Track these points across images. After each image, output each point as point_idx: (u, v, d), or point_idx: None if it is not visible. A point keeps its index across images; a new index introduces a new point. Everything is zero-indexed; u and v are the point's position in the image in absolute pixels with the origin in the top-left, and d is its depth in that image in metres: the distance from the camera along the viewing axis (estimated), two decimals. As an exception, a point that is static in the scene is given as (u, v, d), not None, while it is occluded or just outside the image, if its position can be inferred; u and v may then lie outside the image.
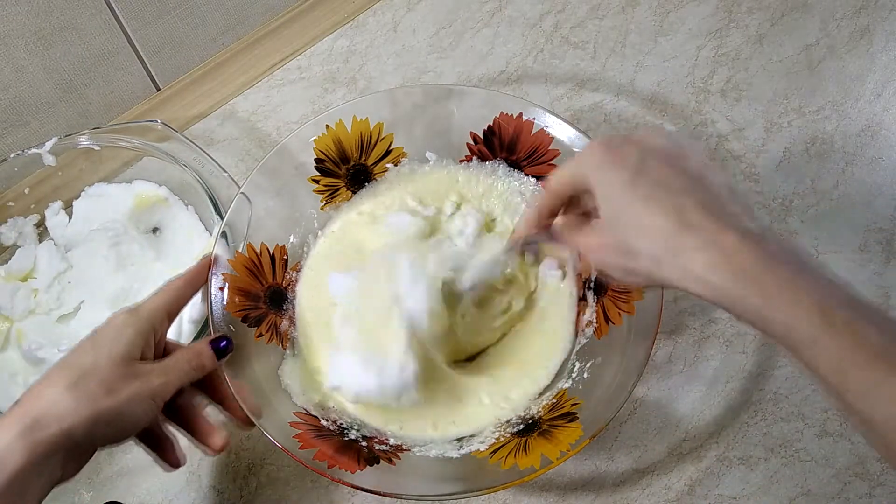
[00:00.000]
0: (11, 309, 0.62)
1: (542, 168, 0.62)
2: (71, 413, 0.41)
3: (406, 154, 0.65)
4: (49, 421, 0.40)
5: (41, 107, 0.68)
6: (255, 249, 0.59)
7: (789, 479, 0.58)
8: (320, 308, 0.60)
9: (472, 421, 0.56)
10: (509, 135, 0.62)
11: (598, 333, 0.57)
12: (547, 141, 0.61)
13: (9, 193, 0.66)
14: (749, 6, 0.80)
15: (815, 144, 0.72)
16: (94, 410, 0.41)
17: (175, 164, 0.64)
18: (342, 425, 0.55)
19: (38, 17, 0.62)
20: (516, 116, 0.61)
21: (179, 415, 0.50)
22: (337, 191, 0.64)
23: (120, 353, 0.44)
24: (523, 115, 0.61)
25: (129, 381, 0.44)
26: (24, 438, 0.39)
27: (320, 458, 0.50)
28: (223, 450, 0.50)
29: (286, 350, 0.59)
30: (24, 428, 0.39)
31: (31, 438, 0.39)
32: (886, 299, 0.64)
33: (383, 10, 0.82)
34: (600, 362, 0.55)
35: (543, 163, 0.62)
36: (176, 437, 0.50)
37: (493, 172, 0.64)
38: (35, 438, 0.39)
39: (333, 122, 0.62)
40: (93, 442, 0.43)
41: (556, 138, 0.60)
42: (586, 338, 0.58)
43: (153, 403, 0.45)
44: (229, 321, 0.55)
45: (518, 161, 0.63)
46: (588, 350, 0.57)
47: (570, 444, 0.50)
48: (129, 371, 0.44)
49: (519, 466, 0.50)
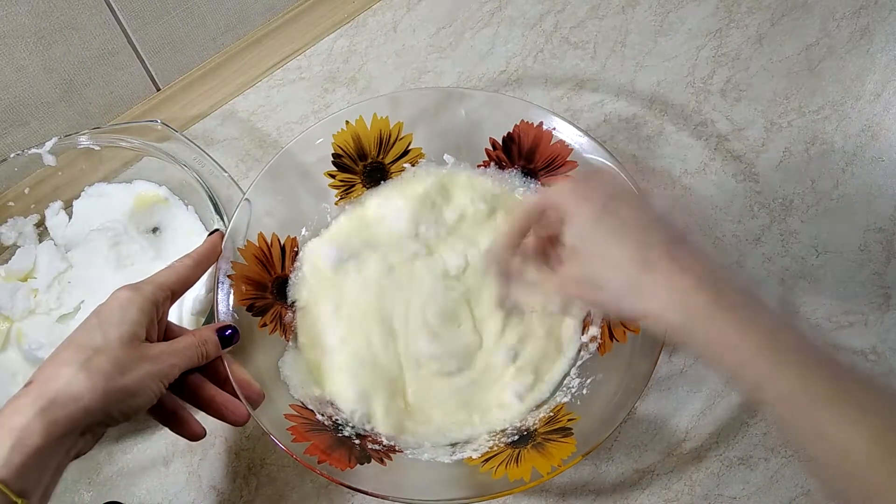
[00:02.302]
0: (11, 309, 0.62)
1: (558, 178, 0.62)
2: (86, 392, 0.41)
3: (424, 155, 0.65)
4: (65, 400, 0.41)
5: (41, 107, 0.68)
6: (265, 239, 0.59)
7: (789, 479, 0.58)
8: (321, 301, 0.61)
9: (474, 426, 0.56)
10: (528, 143, 0.62)
11: (602, 350, 0.57)
12: (565, 152, 0.61)
13: (9, 193, 0.66)
14: (749, 6, 0.80)
15: (815, 144, 0.72)
16: (107, 389, 0.42)
17: (175, 164, 0.64)
18: (337, 421, 0.55)
19: (38, 17, 0.62)
20: (537, 125, 0.61)
21: (194, 394, 0.50)
22: (352, 187, 0.65)
23: (127, 333, 0.45)
24: (544, 124, 0.61)
25: (140, 362, 0.44)
26: (42, 417, 0.40)
27: (312, 452, 0.50)
28: (248, 418, 0.50)
29: (288, 342, 0.59)
30: (41, 408, 0.40)
31: (49, 418, 0.40)
32: (886, 299, 0.64)
33: (383, 10, 0.82)
34: (601, 379, 0.55)
35: (560, 173, 0.62)
36: (188, 409, 0.50)
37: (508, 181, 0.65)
38: (52, 417, 0.40)
39: (353, 119, 0.62)
40: (107, 419, 0.43)
41: (574, 150, 0.61)
42: (589, 353, 0.58)
43: (161, 385, 0.45)
44: (235, 309, 0.55)
45: (535, 170, 0.63)
46: (590, 366, 0.57)
47: (562, 459, 0.50)
48: (138, 352, 0.45)
49: (509, 478, 0.50)
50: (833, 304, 0.64)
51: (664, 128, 0.73)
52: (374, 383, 0.57)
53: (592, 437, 0.50)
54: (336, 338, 0.58)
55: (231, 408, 0.50)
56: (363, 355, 0.57)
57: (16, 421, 0.40)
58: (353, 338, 0.58)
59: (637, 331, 0.55)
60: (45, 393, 0.41)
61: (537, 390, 0.57)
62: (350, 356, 0.57)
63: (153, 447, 0.60)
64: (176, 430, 0.50)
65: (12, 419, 0.40)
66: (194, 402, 0.50)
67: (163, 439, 0.60)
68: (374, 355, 0.58)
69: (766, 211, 0.68)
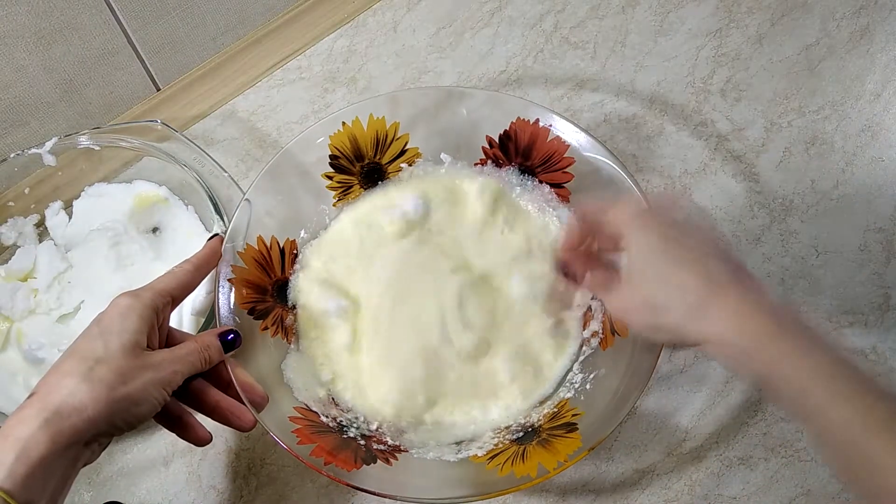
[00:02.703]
0: (11, 309, 0.62)
1: (556, 175, 0.62)
2: (89, 403, 0.41)
3: (421, 154, 0.65)
4: (69, 411, 0.41)
5: (41, 107, 0.68)
6: (265, 242, 0.59)
7: (789, 479, 0.58)
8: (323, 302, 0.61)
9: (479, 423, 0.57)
10: (525, 140, 0.62)
11: (604, 345, 0.57)
12: (562, 149, 0.61)
13: (9, 193, 0.66)
14: (749, 6, 0.80)
15: (815, 144, 0.72)
16: (111, 399, 0.42)
17: (175, 164, 0.64)
18: (342, 422, 0.55)
19: (38, 17, 0.62)
20: (533, 122, 0.61)
21: (199, 399, 0.50)
22: (350, 188, 0.64)
23: (129, 341, 0.45)
24: (540, 121, 0.61)
25: (142, 371, 0.44)
26: (46, 428, 0.40)
27: (317, 454, 0.50)
28: (255, 424, 0.50)
29: (290, 344, 0.59)
30: (45, 419, 0.40)
31: (53, 429, 0.40)
32: (886, 299, 0.64)
33: (383, 10, 0.82)
34: (604, 374, 0.55)
35: (557, 170, 0.62)
36: (194, 414, 0.50)
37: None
38: (57, 429, 0.40)
39: (350, 120, 0.62)
40: (112, 428, 0.43)
41: (571, 146, 0.61)
42: (591, 348, 0.58)
43: (164, 392, 0.45)
44: (236, 313, 0.55)
45: (532, 167, 0.63)
46: (592, 361, 0.57)
47: (567, 454, 0.50)
48: (140, 361, 0.45)
49: (515, 474, 0.50)
50: (833, 304, 0.64)
51: (664, 128, 0.73)
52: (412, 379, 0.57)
53: (597, 432, 0.50)
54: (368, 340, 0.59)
55: (237, 413, 0.50)
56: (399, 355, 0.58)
57: (21, 431, 0.40)
58: (382, 339, 0.59)
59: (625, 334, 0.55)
60: (49, 404, 0.41)
61: (540, 386, 0.57)
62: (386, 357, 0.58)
63: (153, 447, 0.60)
64: (182, 436, 0.50)
65: (17, 430, 0.40)
66: (199, 407, 0.50)
67: (163, 439, 0.61)
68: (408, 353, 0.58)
69: (766, 211, 0.68)
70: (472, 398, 0.57)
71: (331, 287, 0.61)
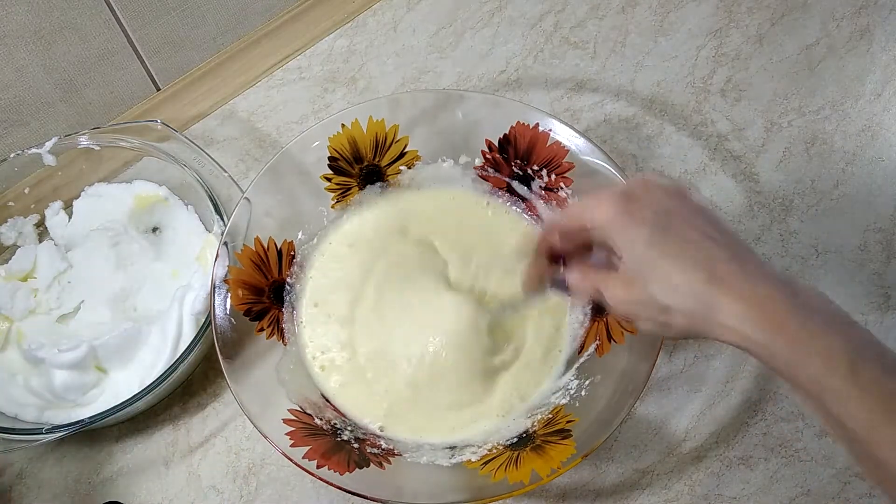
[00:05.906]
0: (11, 309, 0.62)
1: (556, 180, 0.62)
2: None
3: (420, 157, 0.65)
4: None
5: (41, 107, 0.68)
6: (262, 243, 0.59)
7: (789, 479, 0.58)
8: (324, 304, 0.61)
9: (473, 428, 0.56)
10: (525, 145, 0.62)
11: (600, 351, 0.57)
12: (562, 153, 0.61)
13: (9, 193, 0.66)
14: (749, 6, 0.80)
15: (815, 144, 0.72)
16: None
17: (175, 164, 0.64)
18: (336, 425, 0.55)
19: (38, 17, 0.62)
20: (532, 126, 0.61)
21: None
22: (349, 190, 0.64)
23: None
24: (539, 125, 0.61)
25: None
26: None
27: (310, 456, 0.50)
28: None
29: (286, 346, 0.59)
30: None
31: None
32: (886, 299, 0.64)
33: (383, 10, 0.82)
34: (599, 380, 0.55)
35: (557, 174, 0.62)
36: None
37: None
38: None
39: (349, 122, 0.62)
40: None
41: (571, 151, 0.60)
42: (587, 355, 0.58)
43: None
44: (232, 314, 0.55)
45: (532, 171, 0.63)
46: (588, 367, 0.57)
47: (561, 461, 0.49)
48: None
49: (508, 480, 0.50)
50: (833, 304, 0.64)
51: (664, 128, 0.73)
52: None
53: (591, 439, 0.50)
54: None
55: None
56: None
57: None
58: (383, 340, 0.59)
59: (635, 332, 0.54)
60: None
61: (535, 392, 0.57)
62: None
63: (153, 447, 0.60)
64: None
65: None
66: None
67: (163, 439, 0.60)
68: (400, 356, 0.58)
69: (766, 211, 0.68)
70: (467, 406, 0.57)
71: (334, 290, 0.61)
